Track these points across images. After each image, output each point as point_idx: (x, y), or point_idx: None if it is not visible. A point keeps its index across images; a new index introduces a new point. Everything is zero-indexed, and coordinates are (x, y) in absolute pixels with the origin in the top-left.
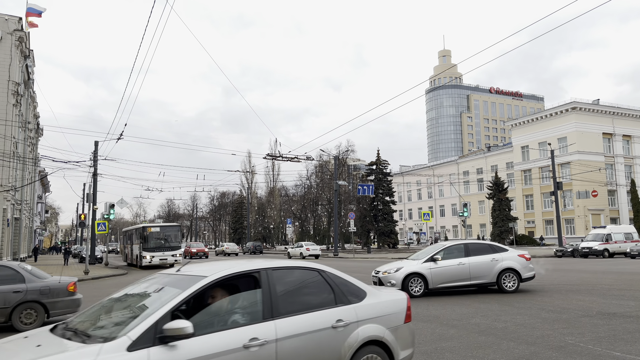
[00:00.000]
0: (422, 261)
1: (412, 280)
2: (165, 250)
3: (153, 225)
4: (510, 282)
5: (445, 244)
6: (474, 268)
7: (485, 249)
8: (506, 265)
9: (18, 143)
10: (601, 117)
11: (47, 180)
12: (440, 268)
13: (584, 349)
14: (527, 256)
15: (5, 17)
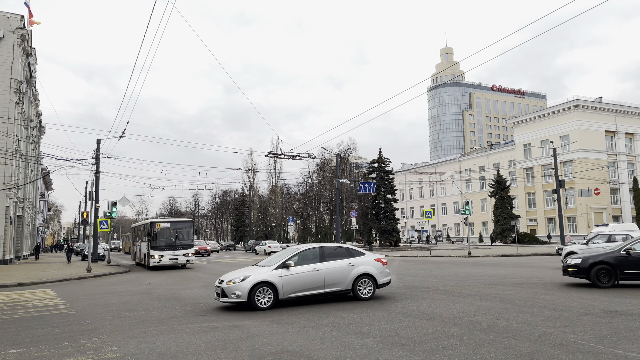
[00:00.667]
0: (273, 268)
1: (259, 290)
2: (176, 249)
3: (162, 221)
4: (366, 288)
5: (299, 248)
6: (329, 274)
7: (342, 253)
8: (362, 270)
9: (20, 141)
10: (604, 115)
11: (49, 178)
12: (293, 275)
13: (586, 347)
14: (383, 260)
15: (7, 15)
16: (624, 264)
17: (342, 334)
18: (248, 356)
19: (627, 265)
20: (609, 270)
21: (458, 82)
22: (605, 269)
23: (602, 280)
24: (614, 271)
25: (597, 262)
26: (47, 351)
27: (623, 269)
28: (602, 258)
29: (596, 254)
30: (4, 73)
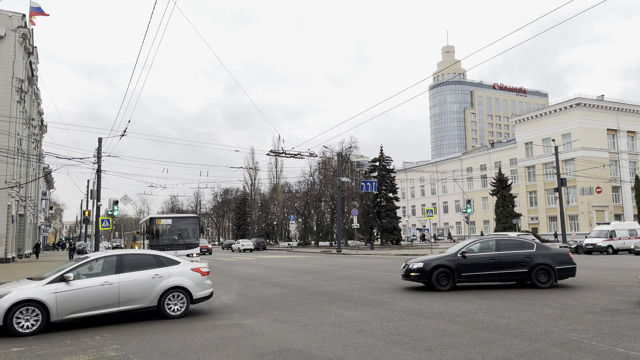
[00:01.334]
0: (46, 282)
1: (21, 311)
2: (179, 249)
3: (163, 217)
4: (177, 304)
5: (88, 256)
6: (126, 288)
7: (148, 263)
8: (173, 282)
9: (22, 140)
10: (605, 113)
11: (51, 177)
12: (74, 291)
13: (588, 346)
14: (203, 270)
15: (8, 13)
16: (461, 266)
17: (343, 332)
18: (250, 354)
19: (463, 268)
20: (448, 273)
21: (459, 81)
22: (444, 272)
23: (441, 283)
24: (452, 274)
25: (437, 266)
26: (49, 349)
27: (460, 272)
28: (441, 261)
29: (437, 257)
30: (6, 72)
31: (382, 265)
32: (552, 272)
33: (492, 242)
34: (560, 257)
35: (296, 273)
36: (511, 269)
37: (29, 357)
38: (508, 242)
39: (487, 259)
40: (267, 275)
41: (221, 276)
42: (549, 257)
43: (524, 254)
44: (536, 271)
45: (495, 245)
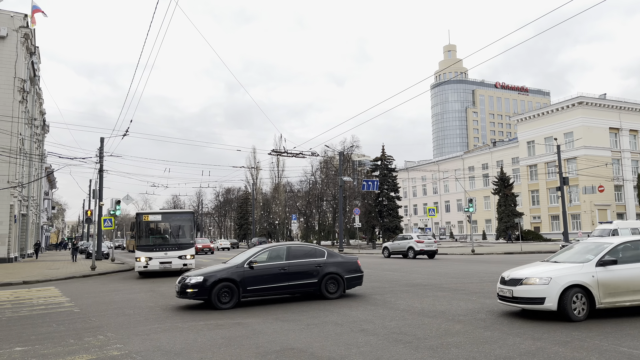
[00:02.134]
0: None
1: None
2: (170, 249)
3: (152, 213)
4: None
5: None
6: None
7: None
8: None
9: (24, 140)
10: (608, 112)
11: (53, 177)
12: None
13: (591, 344)
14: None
15: (10, 14)
16: (247, 279)
17: (345, 331)
18: (252, 353)
19: (250, 281)
20: (232, 288)
21: (461, 80)
22: (227, 287)
23: (222, 300)
24: (236, 289)
25: (219, 280)
26: (52, 349)
27: (246, 286)
28: (224, 274)
29: (220, 269)
30: (8, 72)
31: (384, 265)
32: (341, 281)
33: (282, 250)
34: (349, 265)
35: None
36: (302, 279)
37: (32, 357)
38: (298, 249)
39: (276, 270)
40: None
41: None
42: (339, 265)
43: (315, 263)
44: (326, 281)
45: (285, 254)
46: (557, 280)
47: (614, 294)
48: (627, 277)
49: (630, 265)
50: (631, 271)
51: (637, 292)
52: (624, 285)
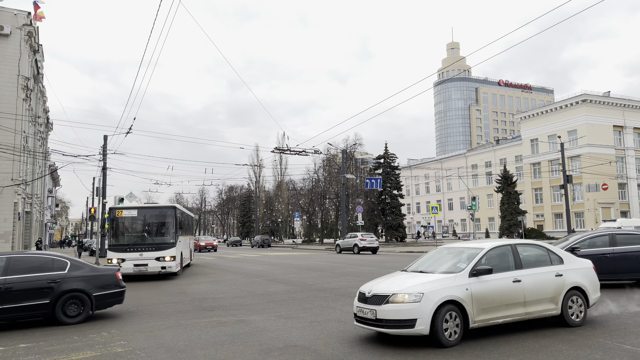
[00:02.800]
0: None
1: None
2: (146, 250)
3: (125, 208)
4: None
5: None
6: None
7: None
8: None
9: (28, 137)
10: (612, 110)
11: (57, 174)
12: None
13: (595, 342)
14: None
15: (14, 11)
16: None
17: (349, 329)
18: (256, 350)
19: None
20: None
21: (464, 77)
22: None
23: None
24: None
25: None
26: (56, 345)
27: None
28: None
29: None
30: (12, 70)
31: (387, 262)
32: (87, 300)
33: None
34: (102, 279)
35: (301, 270)
36: (25, 301)
37: (36, 353)
38: (22, 261)
39: None
40: (272, 272)
41: (226, 273)
42: (86, 280)
43: (47, 278)
44: (64, 301)
45: (3, 267)
46: (430, 295)
47: (488, 310)
48: (501, 288)
49: (502, 274)
50: (503, 281)
51: (511, 306)
52: (498, 299)
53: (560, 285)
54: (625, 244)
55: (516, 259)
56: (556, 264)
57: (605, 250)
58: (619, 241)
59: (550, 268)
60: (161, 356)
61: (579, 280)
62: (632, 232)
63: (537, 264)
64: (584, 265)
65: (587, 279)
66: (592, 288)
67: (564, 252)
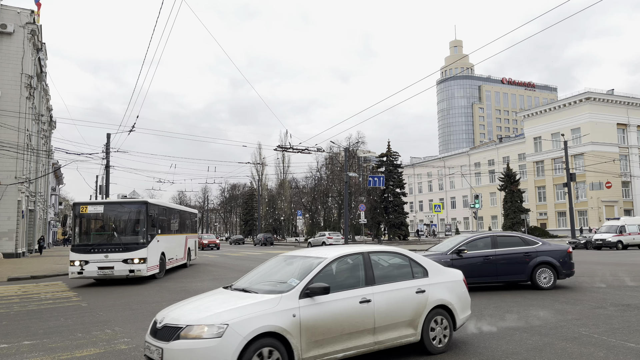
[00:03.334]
0: None
1: None
2: (112, 251)
3: (91, 203)
4: None
5: None
6: None
7: None
8: None
9: (32, 136)
10: (615, 108)
11: (60, 173)
12: None
13: (598, 340)
14: None
15: (17, 10)
16: None
17: None
18: None
19: None
20: None
21: (467, 75)
22: None
23: None
24: None
25: None
26: (60, 342)
27: None
28: None
29: None
30: (15, 68)
31: None
32: None
33: None
34: None
35: None
36: None
37: (41, 351)
38: None
39: None
40: None
41: (229, 271)
42: None
43: None
44: None
45: None
46: (237, 327)
47: (323, 342)
48: (342, 312)
49: (346, 293)
50: (346, 303)
51: (355, 335)
52: (338, 327)
53: (421, 304)
54: (504, 245)
55: (367, 272)
56: (419, 277)
57: (488, 253)
58: (499, 243)
59: (411, 283)
60: None
61: (445, 297)
62: (510, 235)
63: (395, 278)
64: (452, 278)
65: (455, 295)
66: (461, 306)
67: (429, 262)
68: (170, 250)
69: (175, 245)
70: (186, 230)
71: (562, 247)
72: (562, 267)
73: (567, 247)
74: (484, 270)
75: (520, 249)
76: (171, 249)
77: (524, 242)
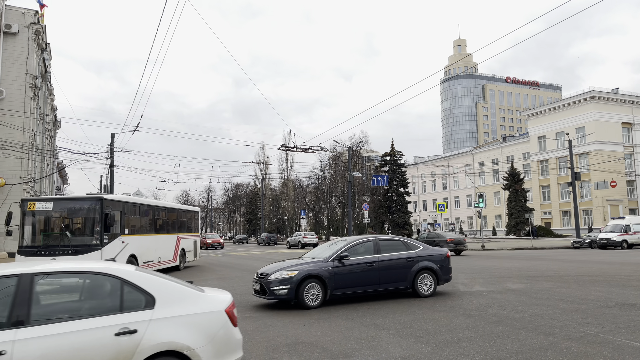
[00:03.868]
0: None
1: None
2: (61, 253)
3: (39, 199)
4: None
5: None
6: None
7: None
8: None
9: (36, 135)
10: (620, 106)
11: (65, 172)
12: None
13: (604, 339)
14: None
15: (21, 10)
16: None
17: (356, 325)
18: (263, 347)
19: None
20: None
21: (471, 74)
22: None
23: None
24: None
25: None
26: None
27: None
28: None
29: None
30: (20, 68)
31: None
32: None
33: None
34: None
35: None
36: None
37: None
38: None
39: None
40: None
41: (233, 270)
42: None
43: None
44: None
45: None
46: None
47: None
48: None
49: None
50: None
51: None
52: None
53: (127, 351)
54: (387, 250)
55: None
56: (139, 310)
57: (371, 259)
58: (382, 248)
59: (109, 320)
60: None
61: (173, 339)
62: (392, 238)
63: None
64: (201, 309)
65: (201, 335)
66: (214, 350)
67: (163, 283)
68: (147, 253)
69: (155, 246)
70: (179, 229)
71: (441, 251)
72: (442, 273)
73: (445, 251)
74: (367, 278)
75: (403, 254)
76: (148, 251)
77: (406, 246)
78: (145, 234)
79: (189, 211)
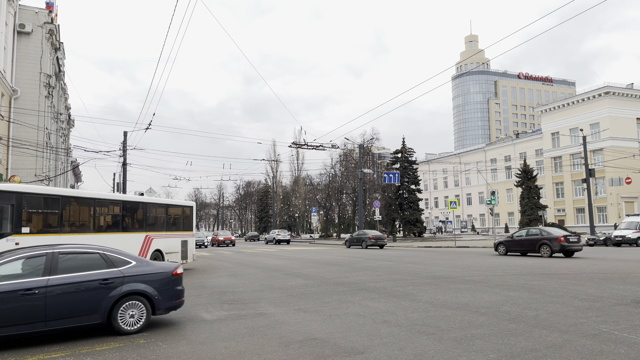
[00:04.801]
0: None
1: None
2: None
3: None
4: None
5: None
6: None
7: None
8: None
9: (51, 134)
10: (635, 102)
11: (79, 170)
12: None
13: (619, 337)
14: None
15: (35, 10)
16: None
17: (368, 322)
18: (276, 343)
19: None
20: None
21: (483, 70)
22: None
23: None
24: None
25: None
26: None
27: None
28: None
29: None
30: (34, 67)
31: (405, 257)
32: None
33: None
34: None
35: (319, 264)
36: None
37: (58, 344)
38: None
39: None
40: (291, 266)
41: (245, 267)
42: None
43: None
44: None
45: None
46: None
47: None
48: None
49: None
50: None
51: None
52: None
53: None
54: (70, 269)
55: None
56: None
57: (32, 283)
58: (61, 265)
59: None
60: (182, 348)
61: None
62: (84, 251)
63: None
64: None
65: None
66: None
67: None
68: None
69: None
70: (151, 228)
71: (166, 267)
72: (162, 298)
73: (174, 266)
74: (22, 313)
75: (96, 274)
76: None
77: (107, 262)
78: (71, 233)
79: (172, 206)
